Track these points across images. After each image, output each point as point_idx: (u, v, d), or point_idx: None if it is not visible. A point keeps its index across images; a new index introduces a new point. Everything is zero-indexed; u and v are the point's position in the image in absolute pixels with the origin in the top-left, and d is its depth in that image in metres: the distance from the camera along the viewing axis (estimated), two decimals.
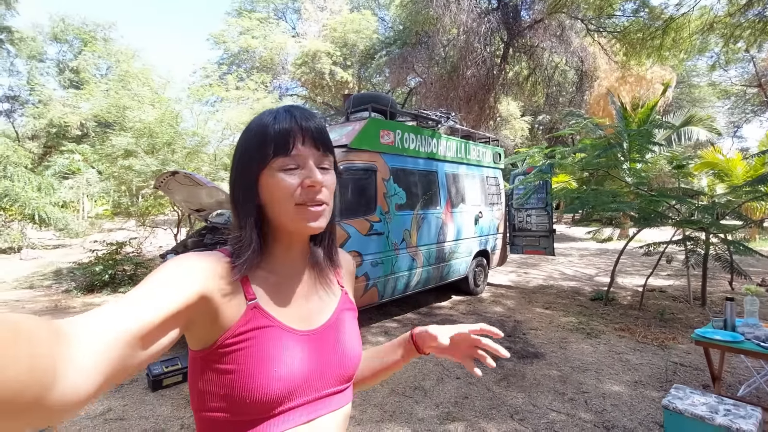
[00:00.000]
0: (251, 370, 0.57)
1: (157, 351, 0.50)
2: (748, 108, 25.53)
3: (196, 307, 0.55)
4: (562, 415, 2.76)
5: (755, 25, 9.53)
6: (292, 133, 0.61)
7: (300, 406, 0.61)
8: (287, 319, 0.63)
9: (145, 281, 0.53)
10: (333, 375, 0.65)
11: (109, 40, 22.15)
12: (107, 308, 0.46)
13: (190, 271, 0.56)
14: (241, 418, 0.58)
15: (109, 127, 8.18)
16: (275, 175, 0.60)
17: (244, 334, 0.58)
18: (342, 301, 0.73)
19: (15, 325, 0.33)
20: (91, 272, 6.45)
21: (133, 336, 0.45)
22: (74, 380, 0.36)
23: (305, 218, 0.61)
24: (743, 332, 2.49)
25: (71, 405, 0.36)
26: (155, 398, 2.97)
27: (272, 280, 0.65)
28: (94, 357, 0.39)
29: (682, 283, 6.81)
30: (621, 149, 5.65)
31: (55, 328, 0.37)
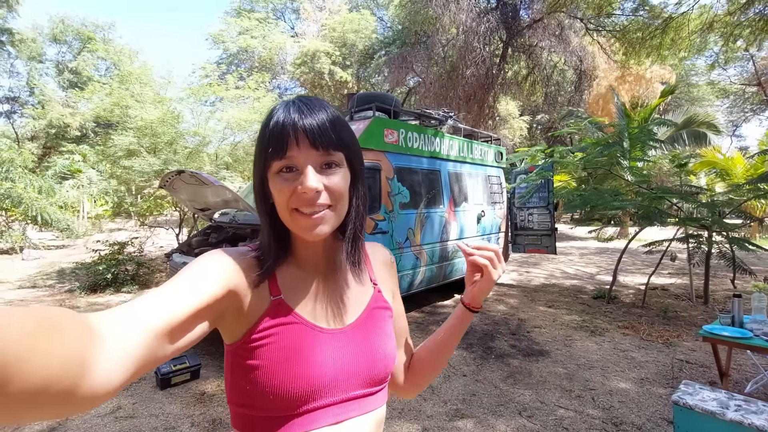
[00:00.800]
0: (273, 367, 0.57)
1: (187, 343, 0.51)
2: (747, 107, 25.61)
3: (225, 301, 0.55)
4: (570, 411, 2.78)
5: (755, 24, 9.55)
6: (284, 134, 0.57)
7: (327, 406, 0.60)
8: (312, 317, 0.62)
9: (176, 276, 0.54)
10: (362, 376, 0.63)
11: (108, 40, 22.13)
12: (138, 302, 0.47)
13: (219, 265, 0.57)
14: (265, 414, 0.58)
15: (111, 127, 8.18)
16: (274, 179, 0.59)
17: (267, 330, 0.59)
18: (374, 299, 0.70)
19: (50, 318, 0.34)
20: (94, 272, 6.45)
21: (162, 329, 0.46)
22: (105, 371, 0.37)
23: (300, 225, 0.59)
24: (752, 329, 2.50)
25: (102, 395, 0.38)
26: (164, 396, 2.97)
27: (298, 276, 0.65)
28: (124, 349, 0.40)
29: (684, 281, 6.84)
30: (622, 147, 5.67)
31: (88, 321, 0.38)
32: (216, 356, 3.69)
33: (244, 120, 8.34)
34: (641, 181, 5.75)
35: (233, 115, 8.30)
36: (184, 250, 4.34)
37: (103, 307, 5.42)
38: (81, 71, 19.72)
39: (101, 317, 0.41)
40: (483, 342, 4.13)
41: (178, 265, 3.91)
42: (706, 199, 6.00)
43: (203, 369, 3.38)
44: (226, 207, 4.19)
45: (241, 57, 19.12)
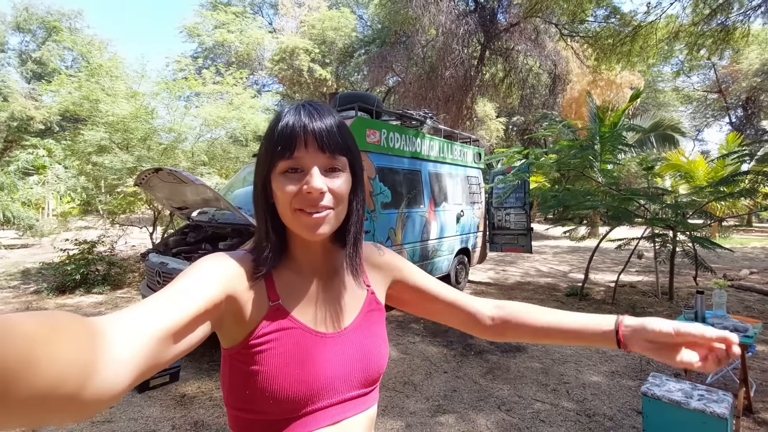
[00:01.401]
0: (273, 372, 0.58)
1: (188, 347, 0.52)
2: (708, 113, 26.97)
3: (223, 305, 0.56)
4: (546, 404, 2.89)
5: (717, 34, 10.08)
6: (294, 135, 0.59)
7: (325, 408, 0.61)
8: (310, 321, 0.64)
9: (176, 279, 0.55)
10: (357, 378, 0.65)
11: (74, 30, 21.16)
12: (140, 306, 0.48)
13: (218, 270, 0.58)
14: (265, 417, 0.59)
15: (78, 121, 7.84)
16: (278, 179, 0.60)
17: (266, 335, 0.59)
18: (368, 302, 0.71)
19: (55, 322, 0.34)
20: (62, 272, 6.19)
21: (164, 333, 0.46)
22: (110, 375, 0.38)
23: (302, 225, 0.60)
24: (713, 323, 2.67)
25: (106, 398, 0.38)
26: (142, 399, 2.91)
27: (296, 281, 0.66)
28: (128, 353, 0.41)
29: (650, 278, 7.17)
30: (593, 150, 5.89)
31: (93, 325, 0.39)
32: (195, 357, 3.63)
33: (221, 117, 8.17)
34: (612, 183, 6.00)
35: (210, 111, 8.11)
36: (161, 249, 4.24)
37: (73, 309, 5.23)
38: (46, 62, 18.80)
39: (105, 321, 0.42)
40: (462, 339, 4.23)
41: (155, 266, 3.82)
42: (671, 201, 6.31)
43: (183, 371, 3.32)
44: (206, 206, 4.12)
45: (217, 51, 18.69)
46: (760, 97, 22.05)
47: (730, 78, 22.65)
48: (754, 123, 21.85)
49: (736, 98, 23.35)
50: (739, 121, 23.35)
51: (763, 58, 19.47)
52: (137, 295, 5.99)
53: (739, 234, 15.76)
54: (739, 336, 2.49)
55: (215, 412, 2.77)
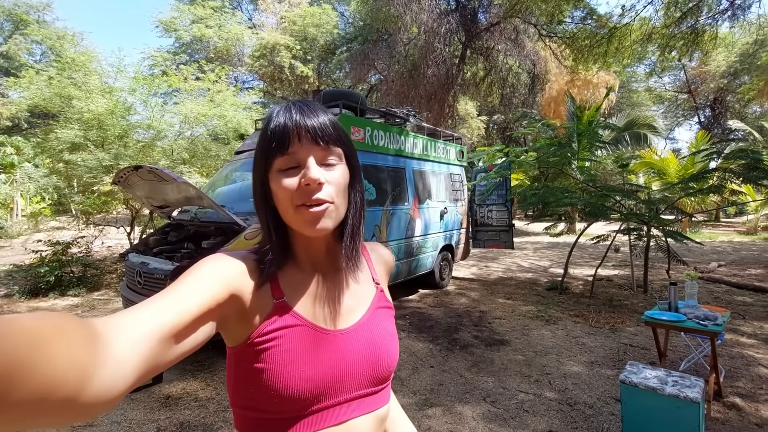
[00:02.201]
0: (279, 370, 0.57)
1: (191, 347, 0.51)
2: (679, 112, 27.99)
3: (227, 305, 0.56)
4: (529, 395, 2.97)
5: (688, 36, 10.47)
6: (287, 131, 0.59)
7: (331, 407, 0.61)
8: (316, 318, 0.63)
9: (179, 280, 0.54)
10: (366, 376, 0.64)
11: (43, 22, 20.30)
12: (141, 307, 0.47)
13: (221, 270, 0.57)
14: (270, 416, 0.59)
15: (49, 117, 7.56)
16: (277, 177, 0.60)
17: (271, 333, 0.59)
18: (377, 298, 0.71)
19: (53, 324, 0.34)
20: (34, 274, 5.97)
21: (166, 333, 0.46)
22: (109, 377, 0.37)
23: (304, 221, 0.60)
24: (685, 313, 2.80)
25: (106, 401, 0.37)
26: (125, 402, 2.85)
27: (301, 279, 0.65)
28: (129, 354, 0.40)
29: (626, 272, 7.42)
30: (572, 148, 6.06)
31: (92, 326, 0.38)
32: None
33: (202, 114, 8.01)
34: (589, 180, 6.18)
35: (191, 108, 7.94)
36: (141, 249, 4.14)
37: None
38: (13, 56, 18.00)
39: (104, 322, 0.41)
40: (448, 334, 4.29)
41: (135, 266, 3.74)
42: (644, 197, 6.54)
43: (166, 372, 3.27)
44: (188, 204, 4.05)
45: (195, 47, 18.26)
46: (726, 97, 23.01)
47: (699, 79, 23.55)
48: (722, 122, 22.80)
49: (704, 98, 24.32)
50: (708, 120, 24.32)
51: (729, 61, 20.33)
52: (115, 296, 5.83)
53: (708, 229, 16.44)
54: (710, 324, 2.63)
55: (201, 412, 2.74)
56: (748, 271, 7.60)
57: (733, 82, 21.22)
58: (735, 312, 4.97)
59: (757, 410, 2.73)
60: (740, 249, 10.91)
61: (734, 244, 11.95)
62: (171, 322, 0.47)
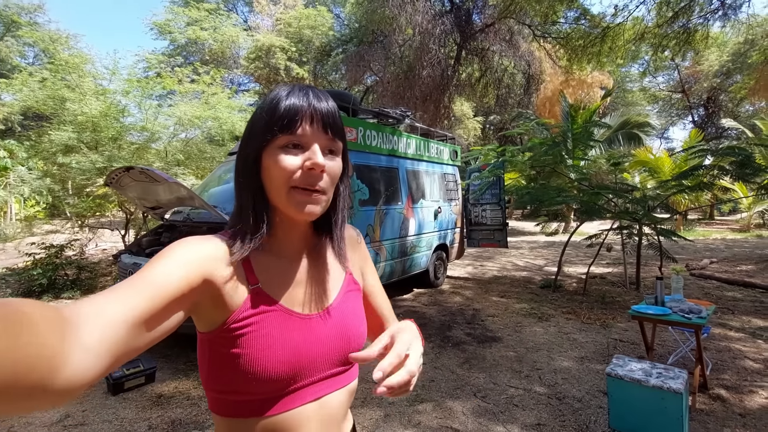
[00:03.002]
0: (256, 355, 0.58)
1: (163, 333, 0.51)
2: (673, 111, 28.18)
3: (200, 290, 0.55)
4: (519, 390, 3.00)
5: (680, 36, 10.56)
6: (301, 111, 0.59)
7: (307, 385, 0.63)
8: (291, 303, 0.64)
9: (149, 264, 0.53)
10: (338, 356, 0.66)
11: (35, 24, 20.23)
12: (111, 292, 0.46)
13: (193, 254, 0.56)
14: (248, 398, 0.60)
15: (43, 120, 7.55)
16: (276, 154, 0.59)
17: (247, 319, 0.59)
18: (347, 282, 0.73)
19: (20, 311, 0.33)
20: (27, 277, 5.96)
21: (136, 320, 0.45)
22: (79, 363, 0.37)
23: (297, 202, 0.59)
24: (671, 306, 2.84)
25: (76, 387, 0.37)
26: (117, 402, 2.86)
27: (276, 264, 0.65)
28: (98, 341, 0.40)
29: (619, 270, 7.47)
30: (566, 147, 6.11)
31: (60, 313, 0.38)
32: (172, 358, 3.59)
33: (196, 116, 8.02)
34: (582, 179, 6.23)
35: (185, 110, 7.95)
36: (134, 250, 4.16)
37: None
38: (5, 58, 17.94)
39: (74, 308, 0.41)
40: (441, 332, 4.32)
41: (128, 267, 3.75)
42: (640, 195, 6.59)
43: (159, 372, 3.28)
44: (180, 205, 4.06)
45: (190, 49, 18.27)
46: (719, 96, 23.19)
47: (692, 78, 23.73)
48: (715, 121, 22.97)
49: (698, 98, 24.49)
50: (701, 119, 24.49)
51: (722, 60, 20.50)
52: None
53: (701, 226, 16.54)
54: (694, 317, 2.67)
55: (193, 410, 2.75)
56: (739, 268, 7.66)
57: (726, 81, 21.39)
58: (724, 307, 5.02)
59: (741, 401, 2.77)
60: (733, 246, 10.99)
61: (727, 242, 12.04)
62: (142, 309, 0.46)
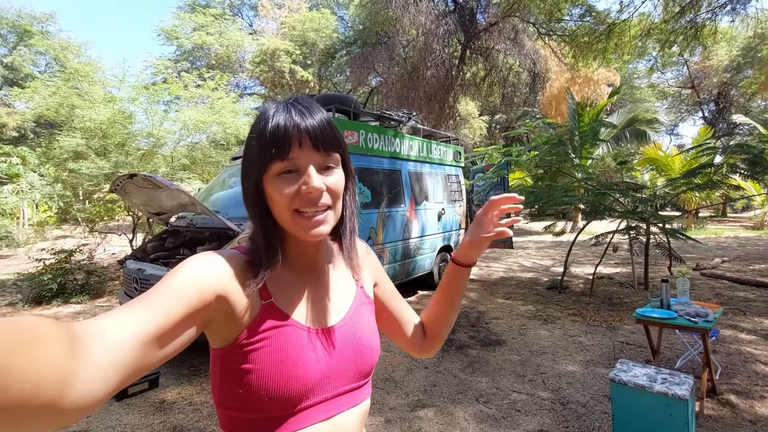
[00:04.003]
0: (268, 370, 0.57)
1: (176, 349, 0.50)
2: (683, 108, 27.77)
3: (214, 306, 0.55)
4: (522, 395, 2.97)
5: (688, 31, 10.40)
6: (288, 135, 0.58)
7: (319, 403, 0.62)
8: (303, 318, 0.63)
9: (164, 279, 0.53)
10: (350, 372, 0.65)
11: (46, 33, 20.62)
12: (124, 309, 0.46)
13: (208, 270, 0.56)
14: (259, 415, 0.59)
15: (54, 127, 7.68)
16: (273, 181, 0.59)
17: (260, 334, 0.59)
18: (358, 296, 0.72)
19: (31, 328, 0.33)
20: (38, 283, 6.06)
21: (149, 337, 0.45)
22: (90, 382, 0.37)
23: (302, 227, 0.59)
24: (677, 310, 2.79)
25: (87, 405, 0.37)
26: (120, 407, 2.88)
27: (288, 279, 0.65)
28: (110, 359, 0.40)
29: (627, 270, 7.37)
30: (572, 146, 6.04)
31: (72, 330, 0.38)
32: (176, 364, 3.61)
33: (201, 121, 8.10)
34: (588, 178, 6.15)
35: (190, 115, 8.03)
36: (139, 256, 4.20)
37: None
38: (18, 67, 18.31)
39: (87, 326, 0.40)
40: None
41: (132, 272, 3.79)
42: (649, 194, 6.49)
43: (162, 377, 3.31)
44: (183, 211, 4.10)
45: (197, 54, 18.47)
46: (730, 92, 22.79)
47: (702, 74, 23.35)
48: (726, 117, 22.57)
49: (708, 93, 24.10)
50: (712, 115, 24.09)
51: (732, 55, 20.14)
52: (117, 303, 5.90)
53: (713, 224, 16.26)
54: (700, 320, 2.61)
55: (195, 416, 2.77)
56: (752, 267, 7.51)
57: (736, 76, 21.02)
58: (735, 308, 4.92)
59: (751, 407, 2.70)
60: (746, 244, 10.78)
61: (740, 240, 11.81)
62: (155, 326, 0.46)
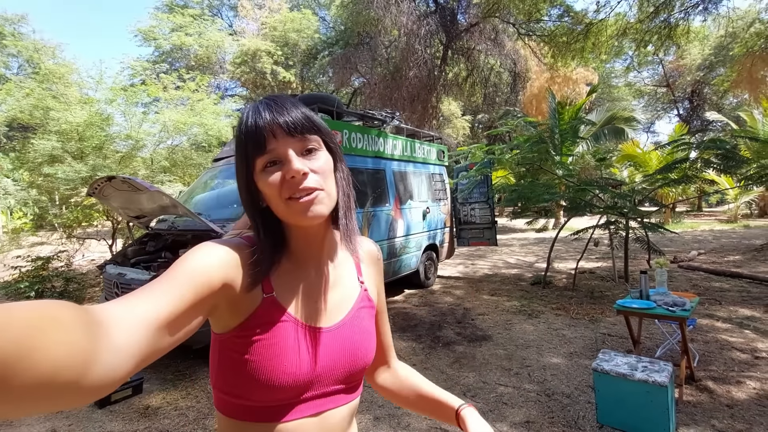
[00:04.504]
0: (262, 363, 0.59)
1: (185, 334, 0.52)
2: (659, 106, 28.54)
3: (220, 293, 0.57)
4: (509, 388, 3.01)
5: (662, 31, 10.71)
6: (261, 129, 0.59)
7: (308, 399, 0.63)
8: (302, 315, 0.64)
9: (174, 267, 0.54)
10: (343, 373, 0.66)
11: (19, 35, 19.95)
12: (138, 295, 0.48)
13: (215, 258, 0.57)
14: (250, 404, 0.61)
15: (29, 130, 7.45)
16: (261, 177, 0.60)
17: (258, 326, 0.60)
18: (360, 298, 0.72)
19: (53, 311, 0.34)
20: (14, 291, 5.87)
21: (162, 322, 0.47)
22: (109, 363, 0.38)
23: (296, 211, 0.60)
24: (655, 300, 2.87)
25: (105, 385, 0.38)
26: (103, 415, 2.82)
27: (292, 273, 0.66)
28: (127, 342, 0.41)
29: (608, 264, 7.54)
30: (552, 143, 6.16)
31: (91, 313, 0.39)
32: (160, 369, 3.54)
33: (182, 123, 7.96)
34: (568, 175, 6.28)
35: (170, 117, 7.88)
36: (119, 260, 4.10)
37: None
38: None
39: (104, 309, 0.42)
40: (431, 332, 4.32)
41: (112, 277, 3.70)
42: (627, 189, 6.65)
43: (146, 383, 3.24)
44: (164, 213, 4.02)
45: (176, 55, 18.13)
46: (703, 90, 23.54)
47: (676, 73, 24.07)
48: (700, 114, 23.30)
49: (682, 91, 24.85)
50: (687, 112, 24.84)
51: (704, 54, 20.81)
52: None
53: (690, 218, 16.76)
54: (678, 309, 2.69)
55: (180, 421, 2.72)
56: (727, 258, 7.78)
57: (709, 74, 21.72)
58: (711, 298, 5.09)
59: (728, 392, 2.80)
60: (720, 237, 11.15)
61: (715, 233, 12.21)
62: (167, 311, 0.48)
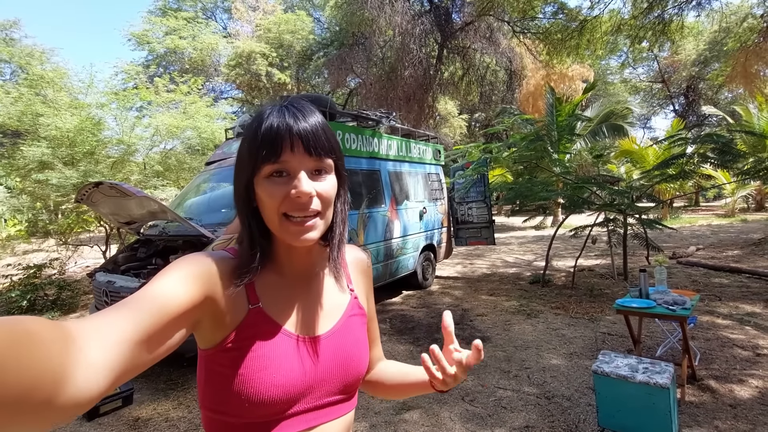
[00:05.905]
0: (250, 376, 0.57)
1: (167, 349, 0.50)
2: (654, 101, 28.58)
3: (202, 308, 0.55)
4: (508, 391, 2.95)
5: (656, 27, 10.70)
6: (280, 138, 0.57)
7: (301, 413, 0.60)
8: (290, 325, 0.62)
9: (154, 280, 0.52)
10: (336, 384, 0.64)
11: (11, 41, 19.83)
12: (116, 309, 0.46)
13: (196, 271, 0.55)
14: (239, 420, 0.58)
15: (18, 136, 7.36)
16: (263, 183, 0.58)
17: (245, 339, 0.58)
18: (350, 306, 0.70)
19: (26, 328, 0.33)
20: (6, 300, 5.79)
21: (141, 337, 0.45)
22: (84, 381, 0.37)
23: (290, 232, 0.58)
24: (655, 299, 2.81)
25: (81, 403, 0.37)
26: (92, 427, 2.74)
27: (278, 283, 0.64)
28: (103, 358, 0.40)
29: (607, 261, 7.49)
30: (549, 141, 6.10)
31: (66, 330, 0.37)
32: (152, 378, 3.47)
33: (175, 126, 7.88)
34: (566, 173, 6.22)
35: (163, 121, 7.80)
36: (110, 268, 4.02)
37: None
38: None
39: (79, 325, 0.40)
40: (429, 335, 4.26)
41: (102, 285, 3.63)
42: (625, 186, 6.60)
43: (137, 392, 3.17)
44: (153, 219, 3.95)
45: (170, 59, 18.04)
46: (698, 85, 23.57)
47: (671, 68, 24.08)
48: (695, 109, 23.33)
49: (678, 87, 24.87)
50: (682, 108, 24.85)
51: (699, 49, 20.83)
52: None
53: (687, 214, 16.75)
54: (678, 308, 2.63)
55: None
56: (726, 253, 7.73)
57: (704, 69, 21.74)
58: (711, 294, 5.03)
59: (731, 391, 2.75)
60: (719, 232, 11.12)
61: (713, 228, 12.18)
62: (146, 326, 0.46)
